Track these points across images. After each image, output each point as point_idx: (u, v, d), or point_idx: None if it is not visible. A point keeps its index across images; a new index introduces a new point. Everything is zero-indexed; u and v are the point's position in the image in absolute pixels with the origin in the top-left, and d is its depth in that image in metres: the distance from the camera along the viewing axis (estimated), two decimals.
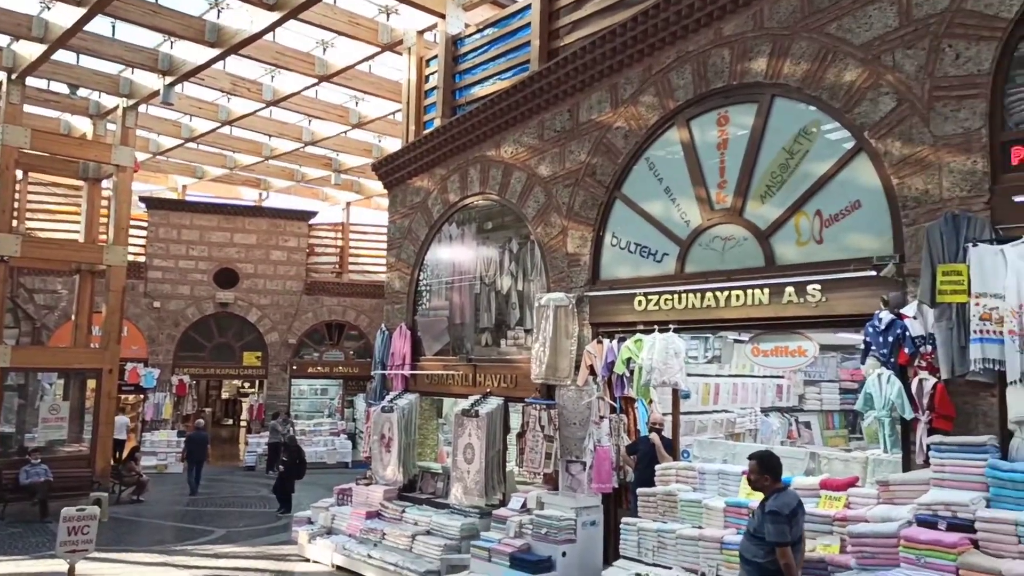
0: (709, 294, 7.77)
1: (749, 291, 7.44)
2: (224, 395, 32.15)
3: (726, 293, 7.63)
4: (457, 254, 11.18)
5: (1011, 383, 5.51)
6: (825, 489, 6.44)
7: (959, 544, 5.14)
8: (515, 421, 9.74)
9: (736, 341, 9.29)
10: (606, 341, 8.55)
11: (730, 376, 10.63)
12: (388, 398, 11.25)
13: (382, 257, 14.04)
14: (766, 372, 10.73)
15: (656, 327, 8.07)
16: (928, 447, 5.80)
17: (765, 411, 11.25)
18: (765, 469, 5.40)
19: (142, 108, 16.24)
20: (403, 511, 9.93)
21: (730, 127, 7.88)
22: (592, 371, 8.57)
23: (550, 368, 8.86)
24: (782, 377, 11.40)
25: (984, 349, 5.58)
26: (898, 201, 6.43)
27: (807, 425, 11.60)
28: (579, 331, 8.94)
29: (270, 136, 19.21)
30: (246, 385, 28.39)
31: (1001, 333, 5.54)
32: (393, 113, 16.73)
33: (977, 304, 5.63)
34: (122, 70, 15.03)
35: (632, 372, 8.13)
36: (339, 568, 9.71)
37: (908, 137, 6.40)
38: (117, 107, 15.69)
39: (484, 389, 10.04)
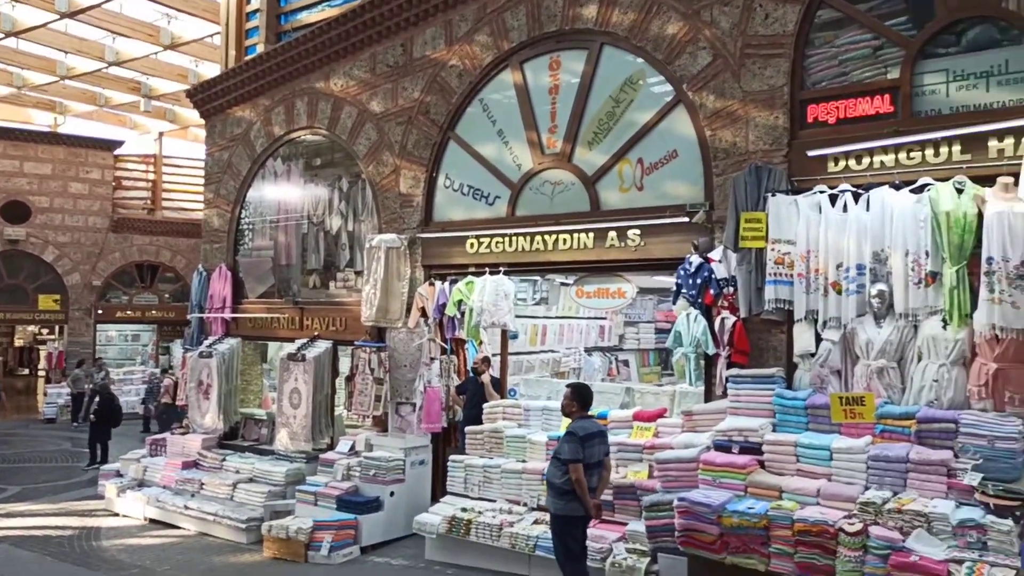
0: (538, 237, 7.94)
1: (575, 235, 7.69)
2: (18, 342, 28.97)
3: (554, 237, 7.84)
4: (283, 192, 10.62)
5: (798, 321, 6.15)
6: (637, 421, 6.91)
7: (748, 465, 5.72)
8: (344, 365, 9.56)
9: (563, 284, 9.63)
10: (438, 283, 8.54)
11: (557, 317, 11.05)
12: (207, 343, 10.63)
13: (200, 193, 13.03)
14: (590, 313, 11.24)
15: (487, 269, 8.16)
16: (727, 379, 6.36)
17: (589, 351, 11.84)
18: (575, 397, 5.78)
19: None
20: (223, 459, 9.51)
21: (562, 73, 7.98)
22: (424, 313, 8.55)
23: (381, 310, 8.74)
24: (604, 318, 12.01)
25: (777, 290, 6.15)
26: (710, 152, 6.86)
27: (626, 363, 12.37)
28: (411, 273, 8.85)
29: (66, 53, 17.05)
30: (43, 331, 25.74)
31: (791, 276, 6.13)
32: (211, 35, 15.38)
33: (772, 249, 6.17)
34: None
35: (463, 314, 8.21)
36: (152, 521, 9.17)
37: (721, 91, 6.80)
38: None
39: (312, 332, 9.74)
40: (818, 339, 6.06)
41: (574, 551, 5.58)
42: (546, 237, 7.88)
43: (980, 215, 5.31)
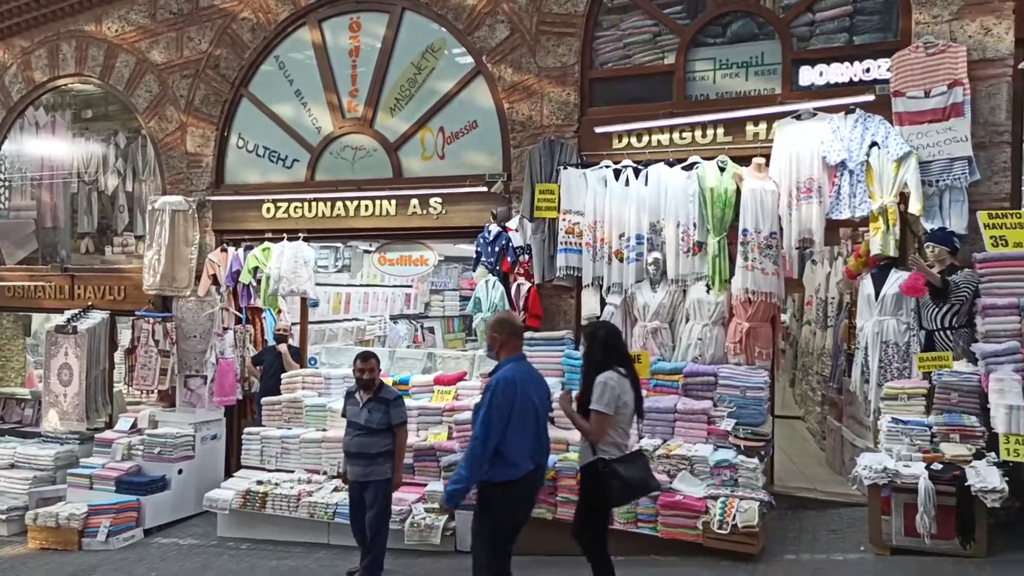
0: (339, 203, 7.78)
1: (378, 202, 7.62)
2: None
3: (356, 203, 7.71)
4: (47, 146, 9.47)
5: (585, 287, 6.59)
6: (438, 385, 7.05)
7: None
8: (125, 337, 8.80)
9: (365, 251, 9.51)
10: (231, 249, 8.10)
11: (361, 285, 10.91)
12: None
13: None
14: (395, 281, 11.23)
15: (285, 235, 7.87)
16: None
17: (394, 318, 11.84)
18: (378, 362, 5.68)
19: None
20: None
21: (363, 35, 7.80)
22: (215, 281, 8.08)
23: (166, 278, 8.13)
24: (410, 286, 12.06)
25: (567, 258, 6.53)
26: (508, 124, 7.07)
27: (431, 330, 12.52)
28: (200, 238, 8.30)
29: None
30: None
31: (580, 245, 6.52)
32: None
33: (564, 219, 6.53)
34: None
35: (259, 281, 7.86)
36: None
37: (518, 65, 7.01)
38: None
39: (85, 302, 8.84)
40: (602, 303, 6.53)
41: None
42: (347, 203, 7.74)
43: (739, 191, 5.97)
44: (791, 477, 6.69)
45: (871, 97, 5.76)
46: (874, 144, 5.63)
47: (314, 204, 7.86)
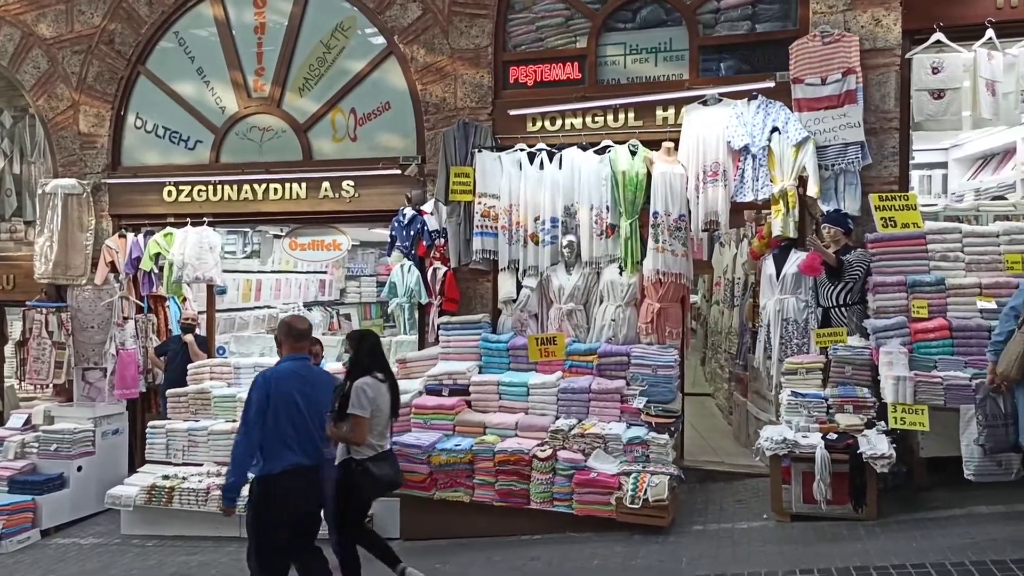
0: (247, 186, 7.52)
1: (287, 185, 7.41)
2: None
3: (264, 186, 7.47)
4: None
5: (502, 270, 6.59)
6: None
7: (456, 406, 6.07)
8: (16, 329, 8.28)
9: (275, 236, 9.24)
10: (130, 235, 7.71)
11: (273, 272, 10.60)
12: None
13: None
14: (309, 267, 10.96)
15: (189, 220, 7.55)
16: (439, 327, 6.64)
17: (308, 305, 11.57)
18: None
19: None
20: None
21: (268, 11, 7.53)
22: (114, 268, 7.68)
23: (59, 266, 7.68)
24: (325, 272, 11.80)
25: (483, 241, 6.51)
26: (421, 106, 6.98)
27: (348, 317, 12.31)
28: (96, 223, 7.86)
29: None
30: None
31: (496, 228, 6.52)
32: None
33: (479, 203, 6.51)
34: None
35: (162, 268, 7.52)
36: None
37: (431, 46, 6.93)
38: None
39: None
40: (519, 286, 6.56)
41: None
42: (255, 186, 7.49)
43: (650, 175, 6.09)
44: (700, 451, 6.94)
45: (771, 84, 5.97)
46: (775, 129, 5.85)
47: (219, 187, 7.56)
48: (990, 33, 5.74)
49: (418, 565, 4.66)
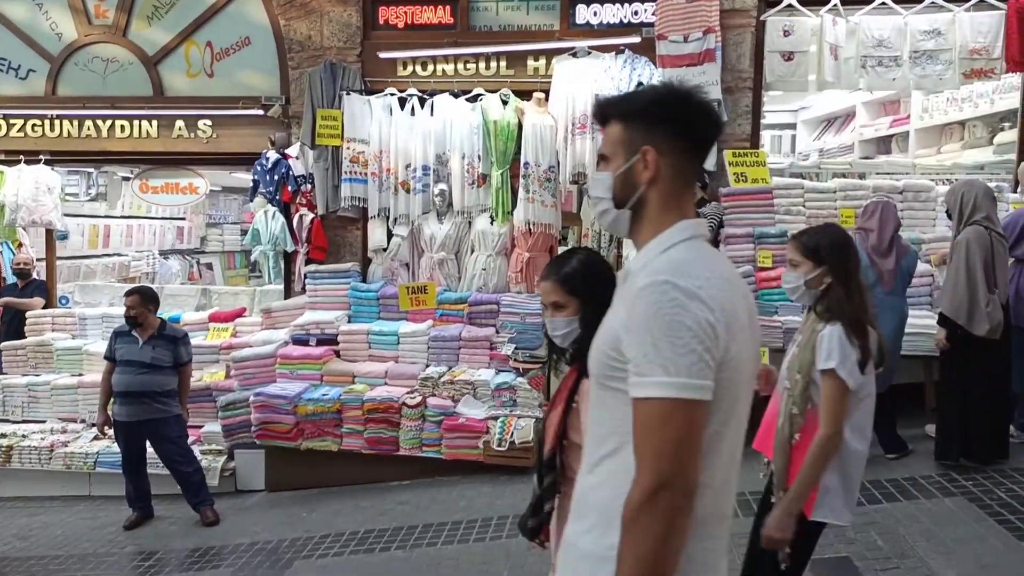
0: (89, 122, 6.92)
1: (136, 122, 6.88)
2: None
3: (109, 122, 6.90)
4: None
5: (372, 218, 6.46)
6: (214, 322, 6.66)
7: (324, 355, 5.97)
8: None
9: (124, 178, 8.59)
10: None
11: (123, 217, 9.89)
12: None
13: None
14: (161, 212, 10.31)
15: (23, 157, 6.87)
16: (305, 276, 6.46)
17: (164, 254, 10.92)
18: (149, 301, 5.24)
19: None
20: None
21: None
22: None
23: None
24: (184, 219, 11.14)
25: (352, 188, 6.35)
26: (284, 43, 6.63)
27: (209, 266, 11.72)
28: None
29: None
30: None
31: (366, 174, 6.37)
32: None
33: (348, 148, 6.32)
34: None
35: None
36: None
37: None
38: None
39: None
40: (389, 235, 6.47)
41: None
42: (99, 122, 6.90)
43: (520, 125, 6.12)
44: None
45: (637, 39, 6.11)
46: (640, 84, 6.00)
47: (57, 122, 6.91)
48: (836, 0, 6.11)
49: (283, 514, 4.62)
